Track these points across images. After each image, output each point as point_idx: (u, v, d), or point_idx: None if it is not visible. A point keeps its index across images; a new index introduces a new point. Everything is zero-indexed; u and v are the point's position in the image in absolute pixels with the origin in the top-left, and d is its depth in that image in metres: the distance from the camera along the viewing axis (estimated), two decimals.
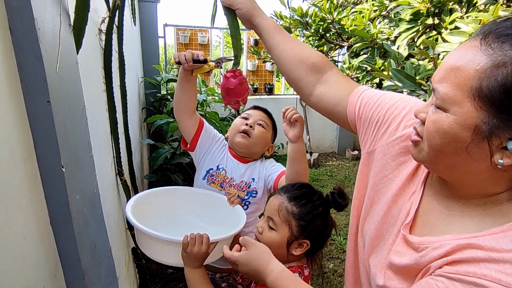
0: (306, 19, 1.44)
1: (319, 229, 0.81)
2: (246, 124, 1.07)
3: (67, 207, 0.55)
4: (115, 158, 1.27)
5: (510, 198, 0.45)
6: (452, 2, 0.91)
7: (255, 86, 4.16)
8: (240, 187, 1.10)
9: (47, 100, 0.49)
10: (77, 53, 0.68)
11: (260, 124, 1.09)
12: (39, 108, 0.48)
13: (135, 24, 2.12)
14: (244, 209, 1.08)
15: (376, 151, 0.63)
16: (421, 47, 0.88)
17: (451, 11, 0.94)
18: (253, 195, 1.10)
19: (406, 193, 0.58)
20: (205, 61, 0.95)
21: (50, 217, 0.53)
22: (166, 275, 1.96)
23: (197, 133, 1.10)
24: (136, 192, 1.78)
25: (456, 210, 0.50)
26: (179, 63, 0.96)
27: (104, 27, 1.19)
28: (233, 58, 0.95)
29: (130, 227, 1.45)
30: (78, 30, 0.66)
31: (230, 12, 0.86)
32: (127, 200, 1.38)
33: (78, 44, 0.68)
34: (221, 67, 1.01)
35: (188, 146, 1.13)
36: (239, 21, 0.89)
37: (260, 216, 1.21)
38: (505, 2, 0.89)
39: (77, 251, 0.57)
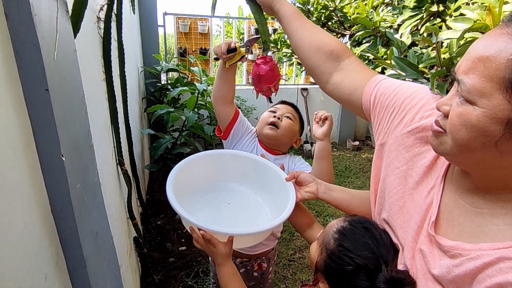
0: (308, 6, 1.42)
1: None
2: (274, 117, 1.09)
3: (68, 195, 0.55)
4: (115, 148, 1.27)
5: None
6: None
7: None
8: None
9: (46, 88, 0.48)
10: (75, 37, 0.67)
11: (287, 117, 1.11)
12: (37, 97, 0.48)
13: (134, 13, 2.08)
14: None
15: (388, 143, 0.61)
16: (425, 34, 0.87)
17: None
18: None
19: (424, 187, 0.55)
20: (235, 50, 0.96)
21: (51, 205, 0.54)
22: (168, 263, 1.99)
23: (231, 122, 1.12)
24: (137, 182, 1.79)
25: (484, 208, 0.47)
26: (217, 58, 0.98)
27: (102, 15, 1.17)
28: (259, 36, 0.95)
29: (132, 216, 1.47)
30: (77, 14, 0.65)
31: (252, 0, 0.87)
32: (128, 191, 1.39)
33: (76, 29, 0.67)
34: (251, 52, 1.00)
35: (222, 134, 1.15)
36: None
37: None
38: None
39: (78, 239, 0.58)
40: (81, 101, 0.69)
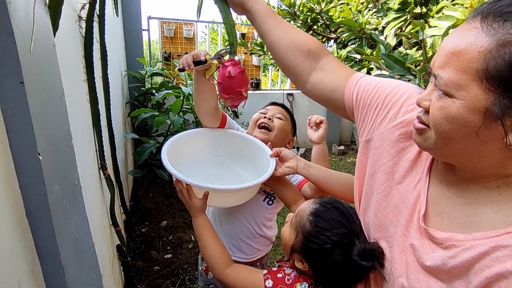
0: (294, 9, 1.43)
1: (324, 266, 0.66)
2: (265, 117, 1.06)
3: (45, 197, 0.51)
4: (97, 152, 1.23)
5: None
6: None
7: None
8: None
9: (21, 81, 0.45)
10: (54, 34, 0.64)
11: (278, 117, 1.08)
12: (11, 89, 0.44)
13: (117, 15, 2.04)
14: (269, 205, 1.08)
15: (374, 139, 0.61)
16: (411, 30, 0.88)
17: (437, 1, 0.95)
18: None
19: (410, 181, 0.56)
20: (205, 62, 0.86)
21: (26, 208, 0.50)
22: (152, 272, 1.92)
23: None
24: (120, 188, 1.73)
25: (470, 198, 0.48)
26: (182, 69, 0.89)
27: (84, 14, 1.13)
28: (229, 48, 0.89)
29: (114, 223, 1.41)
30: (54, 10, 0.62)
31: None
32: (111, 196, 1.34)
33: (55, 26, 0.64)
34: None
35: None
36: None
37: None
38: None
39: (56, 245, 0.54)
40: (60, 99, 0.66)
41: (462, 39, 0.42)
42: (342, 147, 4.21)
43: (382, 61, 0.77)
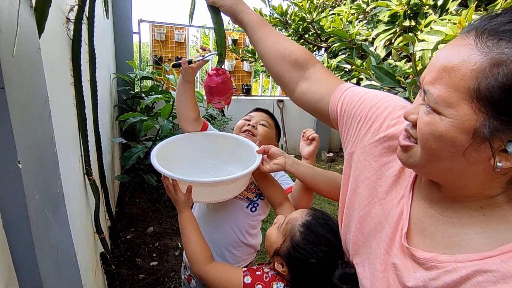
0: (285, 18, 1.44)
1: (303, 276, 0.69)
2: (249, 125, 1.07)
3: (24, 208, 0.49)
4: (83, 157, 1.19)
5: (507, 200, 0.43)
6: (427, 7, 0.94)
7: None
8: (249, 188, 1.07)
9: (1, 86, 0.43)
10: (39, 37, 0.62)
11: (262, 124, 1.09)
12: None
13: (107, 18, 2.01)
14: (252, 211, 1.07)
15: (357, 152, 0.60)
16: (401, 44, 0.90)
17: (425, 15, 0.97)
18: (262, 197, 1.08)
19: (393, 197, 0.54)
20: (190, 62, 0.95)
21: (3, 219, 0.47)
22: (137, 280, 1.87)
23: None
24: (106, 193, 1.68)
25: (454, 217, 0.46)
26: (175, 66, 0.95)
27: (72, 16, 1.11)
28: (216, 53, 0.94)
29: (99, 230, 1.37)
30: (41, 12, 0.60)
31: (214, 9, 0.85)
32: (96, 203, 1.30)
33: (40, 28, 0.62)
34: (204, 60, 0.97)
35: None
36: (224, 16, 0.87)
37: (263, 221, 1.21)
38: (474, 8, 0.92)
39: (35, 258, 0.51)
40: (44, 104, 0.63)
41: (455, 55, 0.40)
42: (331, 154, 4.24)
43: (372, 72, 0.78)
